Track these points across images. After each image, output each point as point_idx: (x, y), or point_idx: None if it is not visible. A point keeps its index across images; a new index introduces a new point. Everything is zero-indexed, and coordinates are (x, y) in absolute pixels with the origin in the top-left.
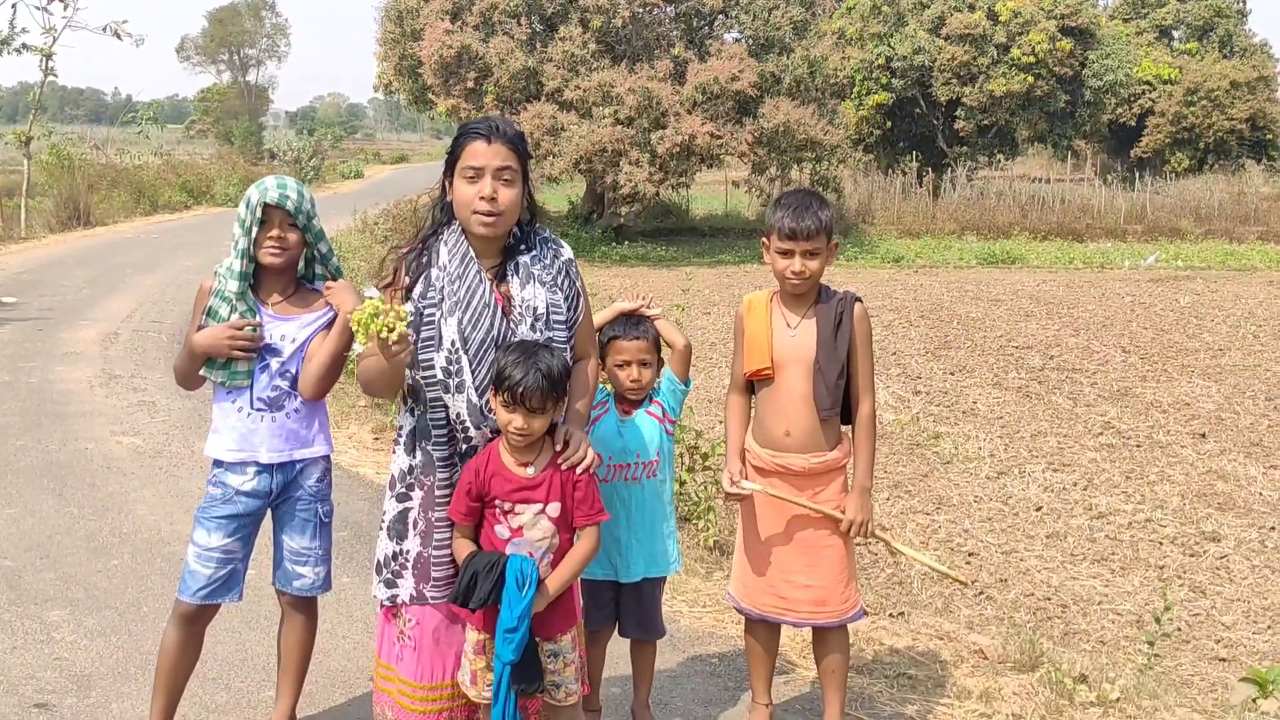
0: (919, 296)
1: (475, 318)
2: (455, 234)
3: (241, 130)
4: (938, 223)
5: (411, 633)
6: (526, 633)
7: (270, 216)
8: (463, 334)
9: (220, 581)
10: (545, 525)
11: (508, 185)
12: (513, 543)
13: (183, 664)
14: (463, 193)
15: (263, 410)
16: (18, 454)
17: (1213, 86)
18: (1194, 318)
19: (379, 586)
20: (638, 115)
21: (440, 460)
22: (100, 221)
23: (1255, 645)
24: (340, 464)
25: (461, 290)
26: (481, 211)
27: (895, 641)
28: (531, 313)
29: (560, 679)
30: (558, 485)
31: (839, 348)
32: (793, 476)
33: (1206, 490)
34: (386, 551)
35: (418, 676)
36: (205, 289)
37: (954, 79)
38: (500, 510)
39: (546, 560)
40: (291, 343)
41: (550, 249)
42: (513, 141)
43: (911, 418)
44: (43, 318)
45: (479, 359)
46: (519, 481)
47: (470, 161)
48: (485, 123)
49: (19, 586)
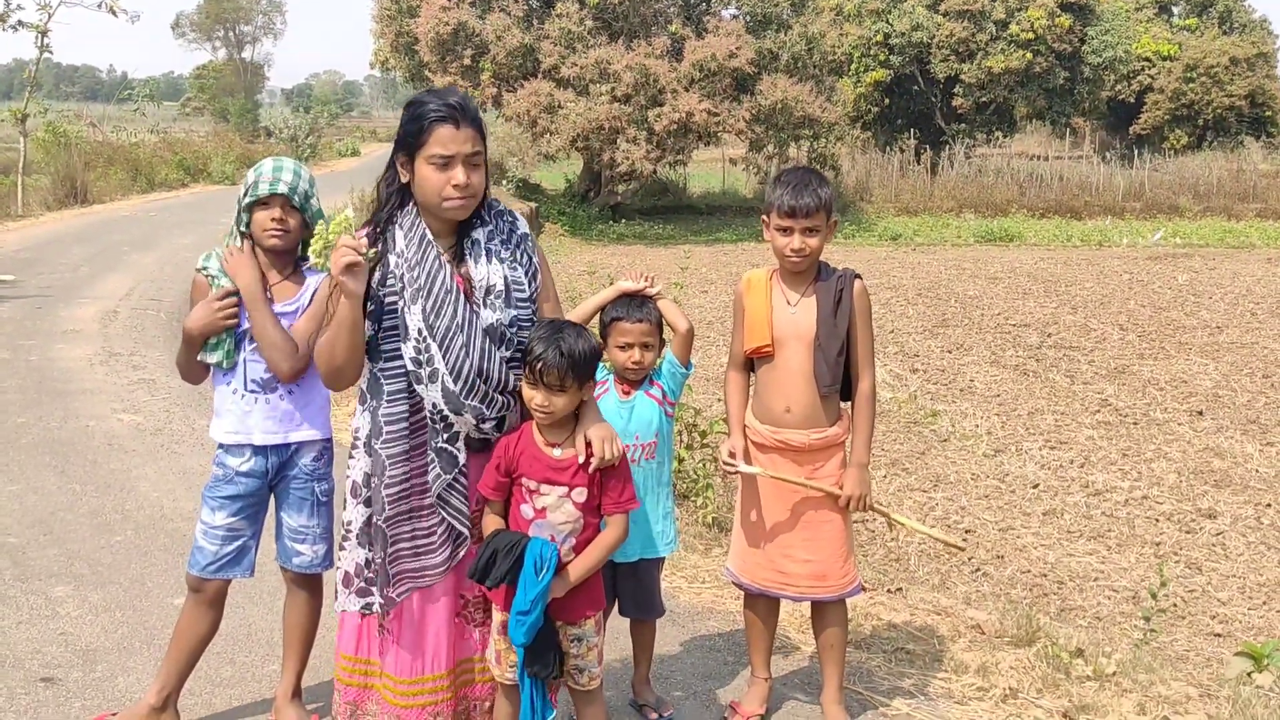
0: (917, 274)
1: (438, 305)
2: (410, 216)
3: (237, 108)
4: (936, 200)
5: (390, 626)
6: (540, 617)
7: (271, 200)
8: (428, 322)
9: (229, 557)
10: (569, 509)
11: (477, 168)
12: (536, 524)
13: (191, 634)
14: (431, 179)
15: (255, 392)
16: (19, 431)
17: (1212, 63)
18: (1192, 295)
19: (349, 598)
20: (635, 92)
21: (391, 458)
22: (97, 199)
23: (1250, 621)
24: (341, 443)
25: (422, 277)
26: (455, 199)
27: (893, 617)
28: (491, 291)
29: (583, 663)
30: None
31: (839, 324)
32: (793, 452)
33: (1203, 467)
34: (358, 560)
35: (399, 671)
36: (199, 283)
37: (952, 55)
38: (526, 489)
39: (569, 544)
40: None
41: (506, 222)
42: (476, 122)
43: (909, 396)
44: (41, 295)
45: (447, 347)
46: (547, 461)
47: (439, 150)
48: (446, 106)
49: (23, 562)
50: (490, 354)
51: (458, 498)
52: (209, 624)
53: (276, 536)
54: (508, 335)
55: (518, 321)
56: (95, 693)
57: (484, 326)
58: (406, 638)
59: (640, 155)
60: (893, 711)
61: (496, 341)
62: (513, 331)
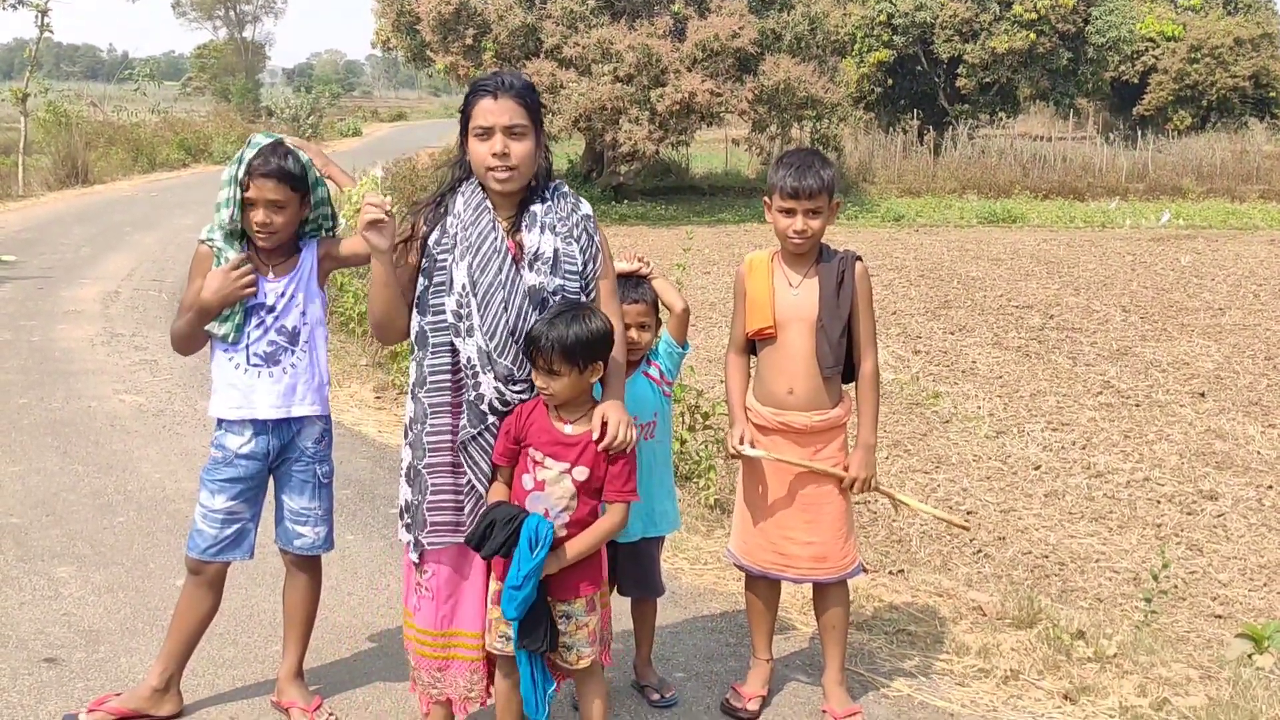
0: (919, 255)
1: (484, 262)
2: (472, 186)
3: (239, 87)
4: (938, 181)
5: (429, 584)
6: (532, 593)
7: (260, 185)
8: (471, 278)
9: (228, 540)
10: (567, 486)
11: (519, 139)
12: (533, 495)
13: (191, 616)
14: (476, 152)
15: (259, 365)
16: (21, 412)
17: (1216, 44)
18: (1195, 277)
19: (401, 530)
20: (637, 73)
21: (432, 407)
22: (98, 179)
23: (1251, 602)
24: (342, 423)
25: (473, 235)
26: (495, 168)
27: (894, 598)
28: (539, 257)
29: (571, 641)
30: (592, 452)
31: (841, 306)
32: (795, 434)
33: (1205, 449)
34: (406, 498)
35: (432, 625)
36: (203, 254)
37: (956, 36)
38: (531, 460)
39: (562, 521)
40: (286, 298)
41: (568, 202)
42: (521, 95)
43: (911, 377)
44: (43, 276)
45: (486, 302)
46: (555, 435)
47: (480, 121)
48: (493, 79)
49: (26, 543)
50: (527, 315)
51: (478, 451)
52: (209, 606)
53: (277, 520)
54: (550, 302)
55: (563, 290)
56: (98, 673)
57: (526, 288)
58: (444, 594)
59: (642, 136)
60: (894, 692)
61: (536, 305)
62: (555, 299)
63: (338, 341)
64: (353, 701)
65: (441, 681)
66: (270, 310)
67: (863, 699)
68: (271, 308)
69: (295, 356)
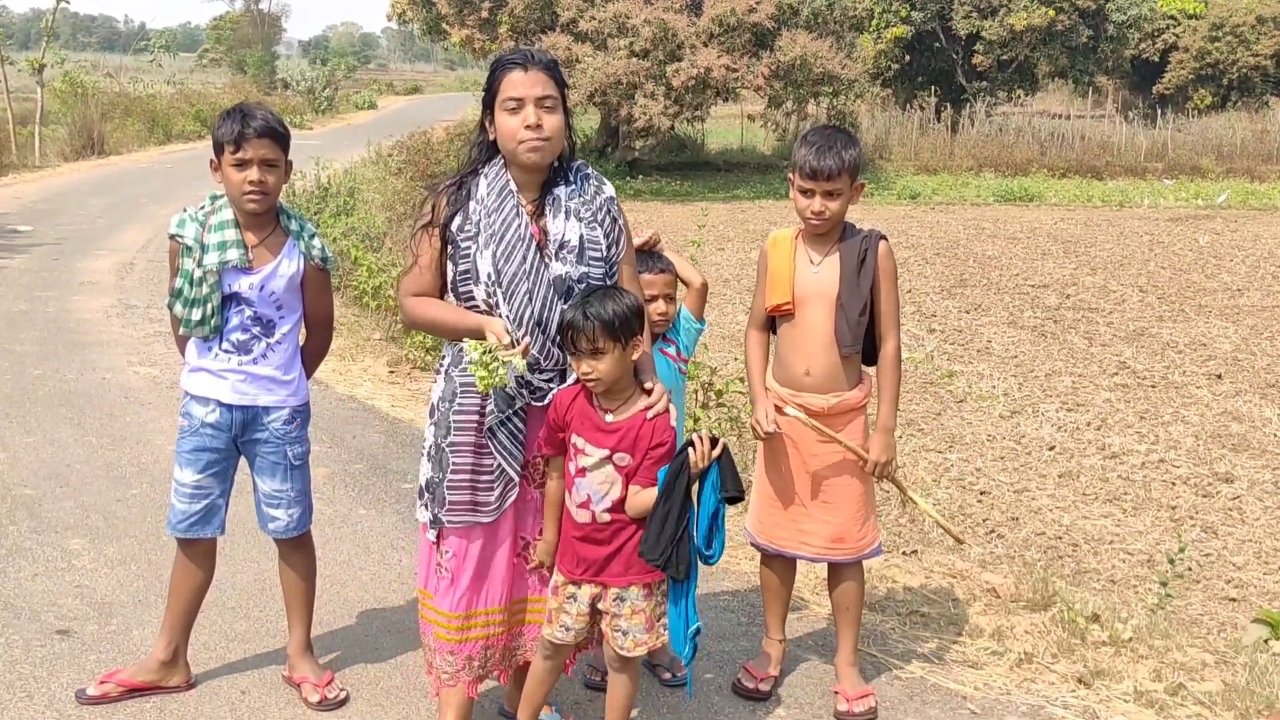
0: (935, 234)
1: (509, 251)
2: (495, 168)
3: (254, 59)
4: (955, 159)
5: (448, 564)
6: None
7: (248, 147)
8: (496, 267)
9: (197, 516)
10: (609, 471)
11: (550, 112)
12: (576, 482)
13: (185, 587)
14: (506, 125)
15: (230, 353)
16: (36, 383)
17: (1238, 21)
18: (1213, 258)
19: (420, 509)
20: (653, 47)
21: (463, 387)
22: (114, 150)
23: (1266, 586)
24: (356, 396)
25: (498, 223)
26: (528, 140)
27: (908, 580)
28: (565, 246)
29: (627, 625)
30: (632, 438)
31: (861, 285)
32: (813, 416)
33: (1221, 431)
34: (427, 476)
35: (452, 607)
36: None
37: (974, 12)
38: (574, 447)
39: (604, 507)
40: (260, 290)
41: (592, 185)
42: (549, 68)
43: (926, 356)
44: (58, 246)
45: (511, 293)
46: (597, 422)
47: (510, 93)
48: (519, 52)
49: (39, 515)
50: (553, 305)
51: (507, 436)
52: (201, 577)
53: (255, 503)
54: (575, 290)
55: (588, 279)
56: (110, 645)
57: (552, 278)
58: (463, 576)
59: (658, 111)
60: (907, 674)
61: (561, 295)
62: (581, 288)
63: (350, 315)
64: (364, 676)
65: (455, 665)
66: (248, 304)
67: (875, 680)
68: (250, 301)
69: (265, 346)
